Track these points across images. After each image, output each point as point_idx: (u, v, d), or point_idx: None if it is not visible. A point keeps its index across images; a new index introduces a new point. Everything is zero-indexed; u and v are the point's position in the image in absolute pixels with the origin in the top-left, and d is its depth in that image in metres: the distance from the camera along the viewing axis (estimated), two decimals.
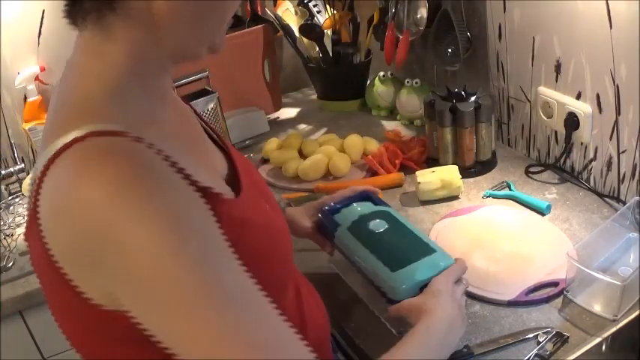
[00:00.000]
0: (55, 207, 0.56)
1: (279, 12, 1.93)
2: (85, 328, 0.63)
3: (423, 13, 1.57)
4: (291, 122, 1.89)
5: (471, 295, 1.02)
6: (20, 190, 1.59)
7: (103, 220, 0.53)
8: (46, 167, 0.57)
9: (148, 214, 0.53)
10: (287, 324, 0.59)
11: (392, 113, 1.81)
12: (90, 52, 0.62)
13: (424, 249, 0.93)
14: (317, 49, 1.84)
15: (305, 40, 1.86)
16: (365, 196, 1.09)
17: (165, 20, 0.61)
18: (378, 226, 1.00)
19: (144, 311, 0.56)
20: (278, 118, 1.94)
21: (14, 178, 1.60)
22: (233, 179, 0.75)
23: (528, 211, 1.24)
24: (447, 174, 1.31)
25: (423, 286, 0.87)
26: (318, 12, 1.89)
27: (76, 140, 0.56)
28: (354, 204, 1.06)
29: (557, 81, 1.28)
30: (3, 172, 1.59)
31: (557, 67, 1.26)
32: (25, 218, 1.41)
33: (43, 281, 0.64)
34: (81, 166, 0.54)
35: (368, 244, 0.96)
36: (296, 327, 0.60)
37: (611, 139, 1.19)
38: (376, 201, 1.08)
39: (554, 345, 0.89)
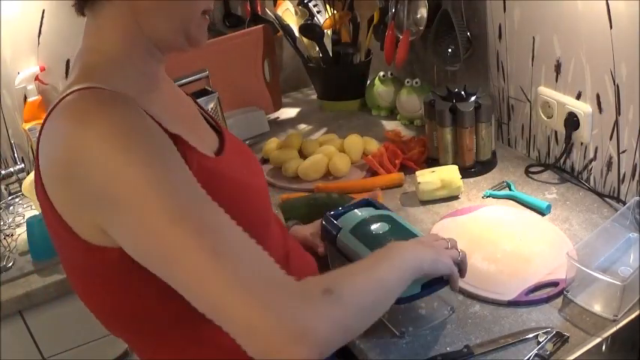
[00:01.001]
0: (44, 149, 0.65)
1: (279, 12, 1.93)
2: (85, 273, 0.71)
3: (423, 13, 1.57)
4: (291, 122, 1.89)
5: (471, 295, 1.02)
6: (20, 190, 1.59)
7: (74, 145, 0.60)
8: (42, 126, 0.67)
9: (110, 133, 0.60)
10: (251, 240, 0.65)
11: (392, 113, 1.81)
12: (90, 34, 0.73)
13: None
14: (317, 49, 1.84)
15: (305, 40, 1.86)
16: (366, 203, 1.10)
17: (142, 6, 0.70)
18: (380, 228, 1.00)
19: (116, 222, 0.61)
20: (278, 118, 1.94)
21: (14, 178, 1.60)
22: (220, 148, 0.84)
23: (528, 211, 1.24)
24: (447, 174, 1.31)
25: (423, 285, 0.88)
26: (318, 12, 1.89)
27: (67, 95, 0.65)
28: (356, 209, 1.07)
29: (557, 81, 1.28)
30: (3, 172, 1.59)
31: (557, 67, 1.26)
32: (25, 218, 1.42)
33: (51, 234, 0.73)
34: (61, 110, 0.64)
35: (369, 245, 0.96)
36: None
37: (611, 139, 1.19)
38: (377, 206, 1.09)
39: (554, 345, 0.89)
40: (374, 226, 1.01)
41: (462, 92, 1.40)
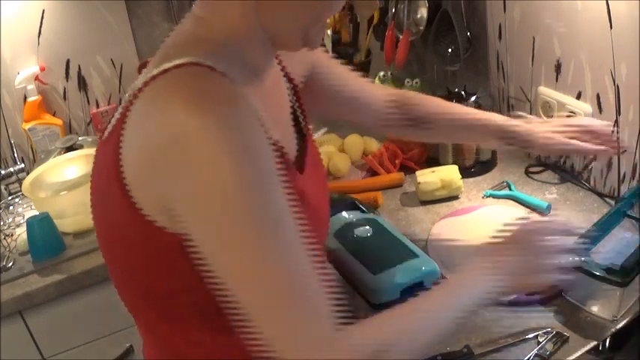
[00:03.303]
0: (137, 122, 0.62)
1: None
2: (146, 257, 0.68)
3: (423, 13, 1.57)
4: None
5: None
6: (20, 190, 1.59)
7: (177, 131, 0.58)
8: (139, 90, 0.63)
9: (220, 132, 0.58)
10: (317, 268, 0.63)
11: None
12: (205, 7, 0.70)
13: (407, 253, 0.94)
14: None
15: None
16: (353, 205, 1.10)
17: (268, 2, 0.67)
18: (364, 232, 1.01)
19: (193, 220, 0.61)
20: None
21: (14, 178, 1.60)
22: (299, 161, 0.80)
23: (528, 211, 1.24)
24: (447, 174, 1.31)
25: (403, 290, 0.88)
26: None
27: (174, 67, 0.62)
28: (343, 212, 1.08)
29: (557, 81, 1.28)
30: (3, 172, 1.59)
31: (557, 67, 1.26)
32: (25, 218, 1.42)
33: (108, 214, 0.69)
34: (169, 88, 0.61)
35: (352, 249, 0.97)
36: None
37: None
38: (364, 209, 1.09)
39: (554, 345, 0.89)
40: (358, 230, 1.01)
41: (462, 92, 1.40)
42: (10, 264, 1.33)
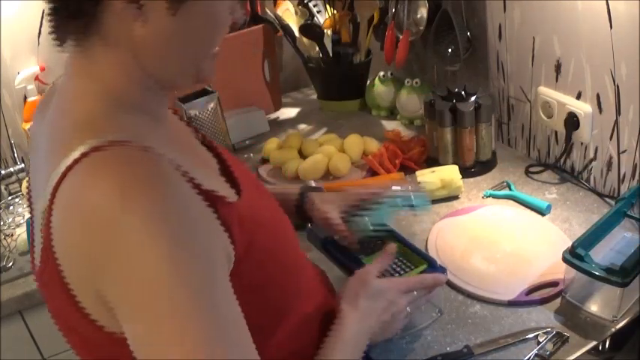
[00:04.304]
0: (64, 220, 0.56)
1: (279, 12, 1.93)
2: (89, 349, 0.65)
3: (423, 13, 1.57)
4: (291, 122, 1.89)
5: (471, 295, 1.02)
6: (20, 190, 1.60)
7: (108, 224, 0.52)
8: (55, 188, 0.56)
9: (154, 220, 0.52)
10: None
11: (392, 113, 1.81)
12: (80, 74, 0.63)
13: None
14: (317, 49, 1.84)
15: (305, 40, 1.85)
16: None
17: (146, 47, 0.61)
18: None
19: (128, 315, 0.54)
20: (278, 118, 1.93)
21: (14, 178, 1.60)
22: (228, 178, 0.74)
23: (528, 211, 1.24)
24: (447, 174, 1.31)
25: None
26: (318, 12, 1.89)
27: (82, 156, 0.55)
28: None
29: (557, 81, 1.28)
30: (3, 172, 1.59)
31: (557, 67, 1.26)
32: (25, 218, 1.42)
33: (54, 308, 0.67)
34: (88, 177, 0.54)
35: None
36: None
37: (611, 139, 1.19)
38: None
39: (554, 345, 0.89)
40: None
41: (462, 92, 1.40)
42: (10, 264, 1.33)
